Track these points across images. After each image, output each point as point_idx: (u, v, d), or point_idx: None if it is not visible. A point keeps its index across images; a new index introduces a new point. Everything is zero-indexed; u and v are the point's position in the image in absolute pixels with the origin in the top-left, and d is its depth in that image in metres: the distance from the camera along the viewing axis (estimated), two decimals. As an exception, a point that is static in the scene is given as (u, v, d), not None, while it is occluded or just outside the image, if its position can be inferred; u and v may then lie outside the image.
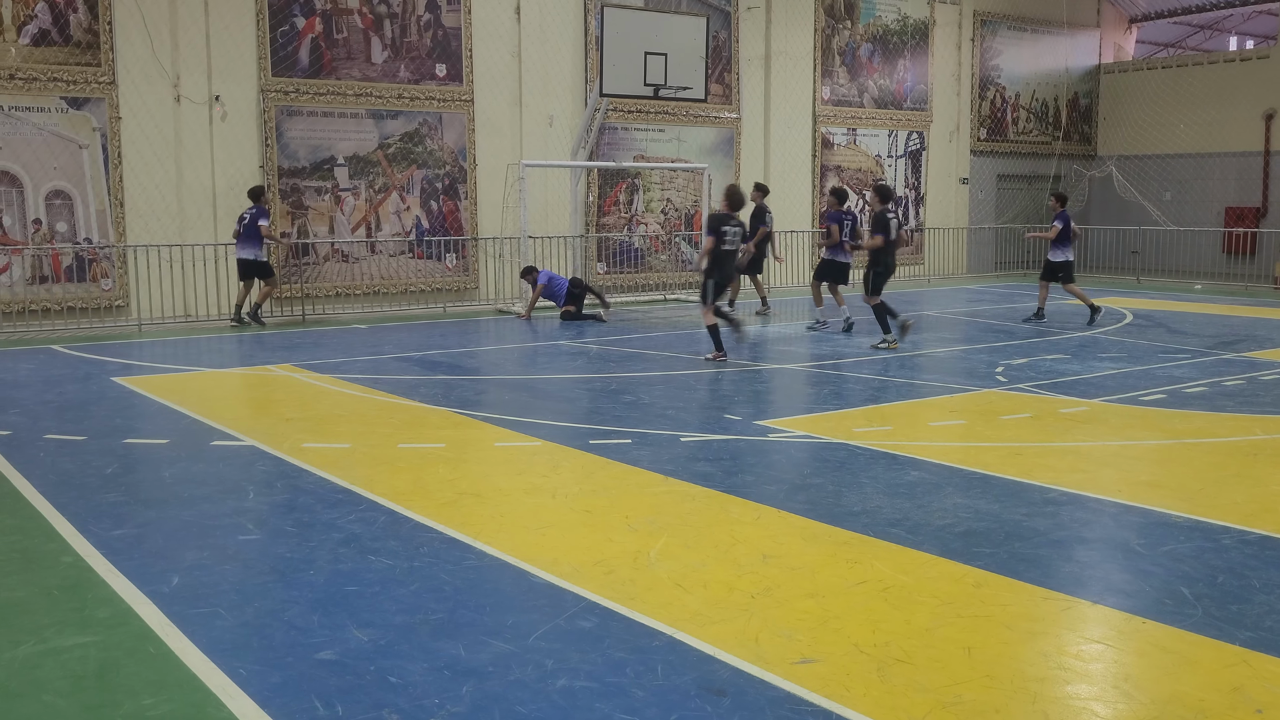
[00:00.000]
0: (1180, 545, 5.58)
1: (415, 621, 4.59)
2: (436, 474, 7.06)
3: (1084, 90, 26.35)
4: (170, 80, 15.43)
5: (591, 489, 6.72)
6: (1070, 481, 6.83)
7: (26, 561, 5.40)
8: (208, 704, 3.87)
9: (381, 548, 5.56)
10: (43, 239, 14.79)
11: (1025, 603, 4.80)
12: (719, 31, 20.00)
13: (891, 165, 23.07)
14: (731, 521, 6.01)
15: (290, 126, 16.26)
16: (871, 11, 22.42)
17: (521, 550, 5.50)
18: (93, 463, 7.36)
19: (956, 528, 5.87)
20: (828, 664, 4.16)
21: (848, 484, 6.76)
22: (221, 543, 5.66)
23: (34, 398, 9.80)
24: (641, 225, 19.68)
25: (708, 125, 20.29)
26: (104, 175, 15.08)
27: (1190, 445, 7.89)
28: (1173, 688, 3.97)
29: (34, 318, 14.58)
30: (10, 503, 6.44)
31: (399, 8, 16.99)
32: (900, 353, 12.38)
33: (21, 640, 4.43)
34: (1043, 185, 25.52)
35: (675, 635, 4.42)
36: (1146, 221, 23.87)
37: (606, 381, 10.68)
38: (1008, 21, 24.65)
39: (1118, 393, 9.84)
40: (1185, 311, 16.77)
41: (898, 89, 23.01)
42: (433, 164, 17.46)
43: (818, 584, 5.02)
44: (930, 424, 8.70)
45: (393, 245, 17.24)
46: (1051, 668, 4.15)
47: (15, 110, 14.46)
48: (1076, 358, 11.93)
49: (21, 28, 14.45)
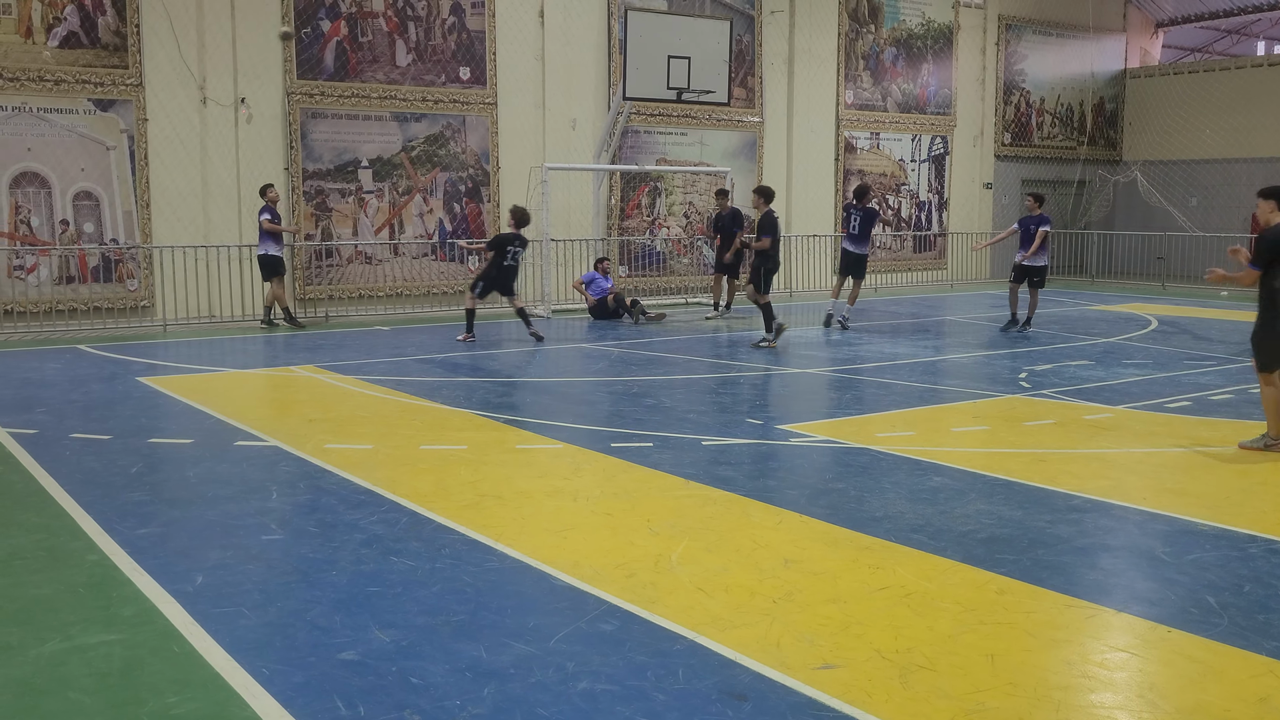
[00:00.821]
0: (1206, 554, 5.54)
1: (437, 623, 4.60)
2: (458, 476, 7.07)
3: (1109, 95, 26.19)
4: (197, 82, 15.54)
5: (613, 492, 6.72)
6: (1094, 488, 6.78)
7: (53, 559, 5.45)
8: (231, 703, 3.89)
9: (403, 549, 5.58)
10: (70, 239, 14.91)
11: (1049, 610, 4.77)
12: (742, 35, 19.98)
13: (915, 169, 23.00)
14: (753, 526, 6.00)
15: (315, 129, 16.35)
16: (895, 15, 22.36)
17: (543, 553, 5.51)
18: (118, 462, 7.41)
19: (979, 534, 5.84)
20: (849, 670, 4.14)
21: (870, 489, 6.74)
22: (245, 542, 5.69)
23: (60, 397, 9.88)
24: (663, 228, 19.68)
25: (730, 129, 20.27)
26: (130, 176, 15.20)
27: (1216, 453, 7.82)
28: (1198, 697, 3.93)
29: (60, 318, 14.70)
30: (37, 501, 6.49)
31: (423, 11, 17.06)
32: (923, 358, 12.33)
33: (48, 638, 4.46)
34: (1067, 190, 25.39)
35: (696, 639, 4.42)
36: (1172, 227, 23.70)
37: (628, 384, 10.69)
38: (1033, 26, 24.53)
39: (1143, 399, 9.77)
40: (1211, 318, 16.64)
41: (921, 93, 22.94)
42: (456, 167, 17.52)
43: (839, 589, 5.01)
44: (953, 429, 8.67)
45: (415, 247, 17.30)
46: (1075, 676, 4.12)
47: (44, 112, 14.60)
48: (1101, 364, 11.86)
49: (51, 30, 14.59)
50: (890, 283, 22.56)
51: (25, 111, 14.48)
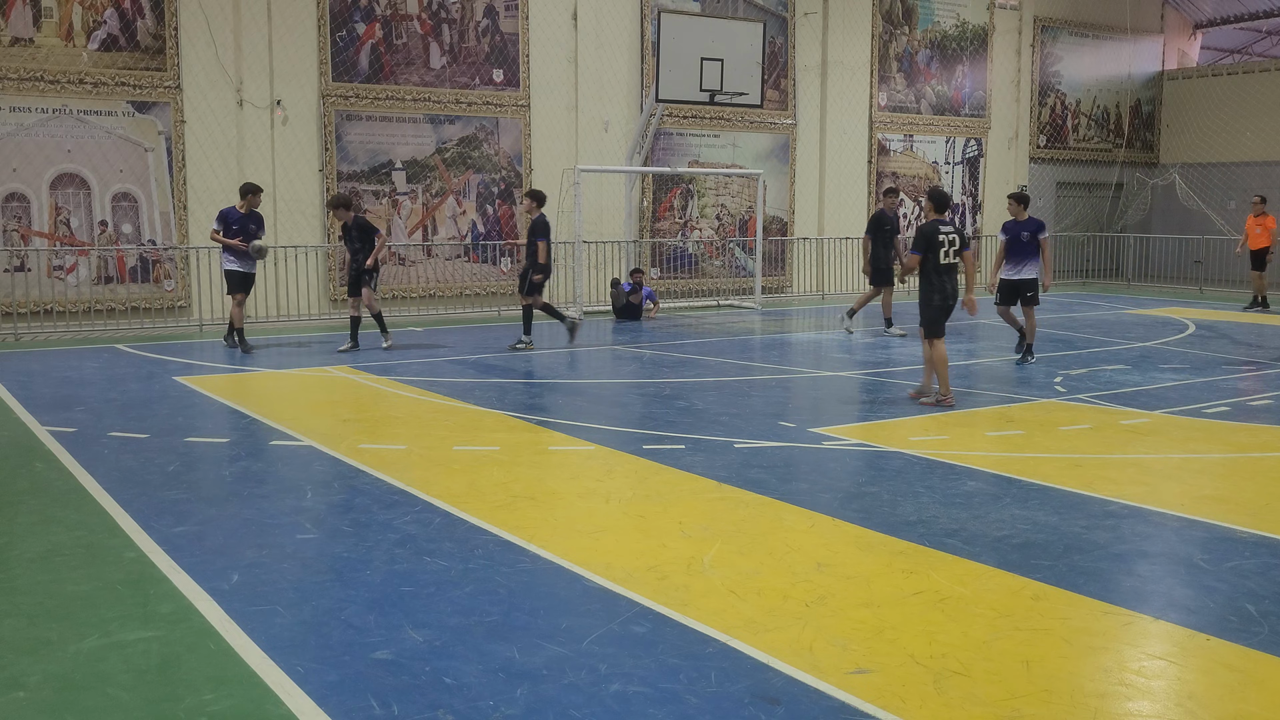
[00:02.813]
0: (1245, 561, 5.47)
1: (470, 623, 4.62)
2: (491, 477, 7.10)
3: (1146, 97, 25.93)
4: (233, 85, 15.68)
5: (645, 494, 6.72)
6: (1131, 494, 6.72)
7: (91, 556, 5.51)
8: (266, 700, 3.92)
9: (437, 549, 5.60)
10: (108, 240, 15.09)
11: (1085, 617, 4.72)
12: (775, 37, 19.94)
13: (949, 172, 22.86)
14: (785, 529, 5.98)
15: (349, 131, 16.46)
16: (930, 17, 22.24)
17: (575, 554, 5.51)
18: (155, 460, 7.49)
19: (1014, 539, 5.79)
20: (883, 675, 4.12)
21: (903, 493, 6.70)
22: (280, 541, 5.74)
23: (98, 396, 10.00)
24: (695, 231, 19.67)
25: (763, 131, 20.23)
26: (168, 178, 15.36)
27: (1256, 459, 7.72)
28: (1237, 707, 3.88)
29: (99, 317, 14.88)
30: (76, 498, 6.57)
31: (457, 14, 17.14)
32: (956, 361, 12.24)
33: (87, 634, 4.51)
34: (1103, 193, 25.17)
35: (729, 642, 4.41)
36: (1210, 231, 23.43)
37: (660, 387, 10.68)
38: (1069, 27, 24.33)
39: (1180, 405, 9.67)
40: (1250, 323, 16.43)
41: (955, 95, 22.80)
42: (489, 168, 17.58)
43: (873, 594, 4.98)
44: (988, 434, 8.61)
45: (448, 249, 17.38)
46: (1112, 683, 4.08)
47: (84, 114, 14.78)
48: (1137, 369, 11.74)
49: (91, 33, 14.77)
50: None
51: (65, 113, 14.68)
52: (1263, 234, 18.69)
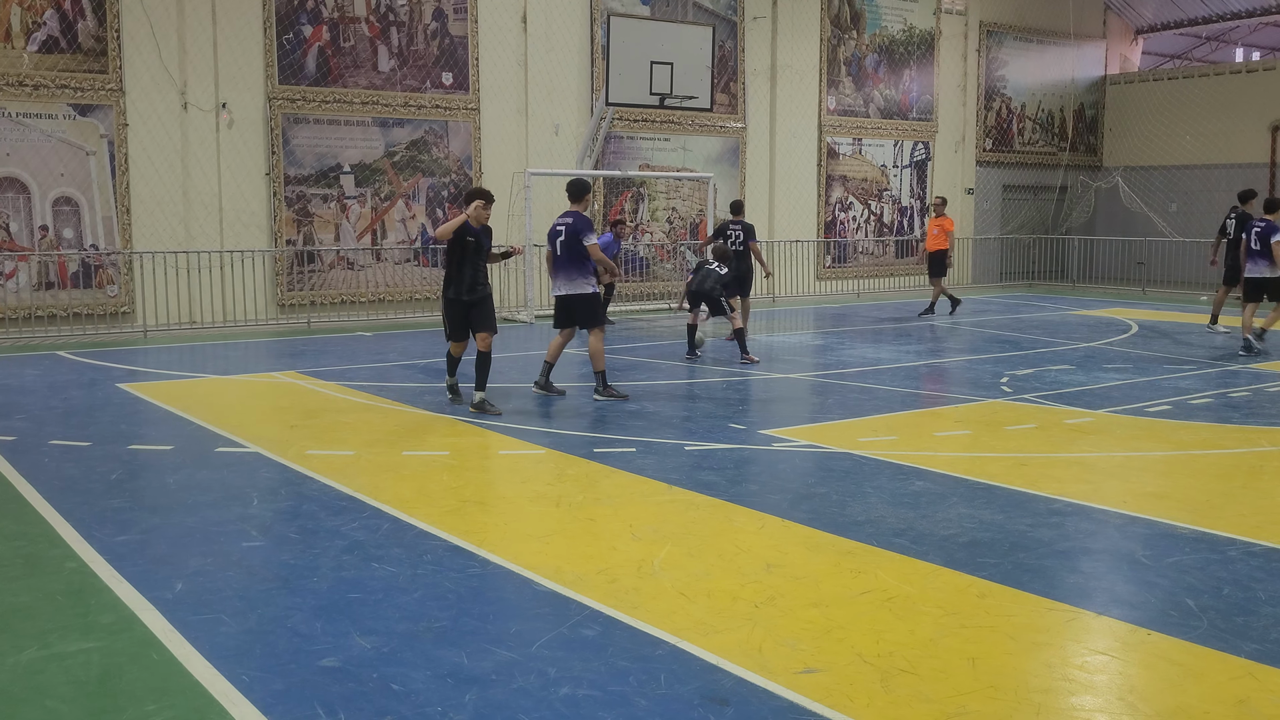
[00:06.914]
0: (1186, 557, 5.57)
1: (418, 629, 4.58)
2: (440, 481, 7.05)
3: (1090, 101, 26.35)
4: (177, 88, 15.47)
5: (595, 497, 6.71)
6: (1075, 492, 6.81)
7: (30, 566, 5.40)
8: (210, 710, 3.86)
9: (385, 555, 5.55)
10: (49, 245, 14.82)
11: (1030, 614, 4.78)
12: (725, 41, 20.03)
13: (897, 175, 23.08)
14: (735, 531, 6.00)
15: (297, 134, 16.30)
16: (877, 22, 22.45)
17: (525, 558, 5.49)
18: (97, 468, 7.36)
19: (961, 538, 5.85)
20: (831, 674, 4.14)
21: (852, 494, 6.75)
22: (225, 549, 5.66)
23: (39, 403, 9.81)
24: (646, 234, 19.69)
25: (713, 135, 20.31)
26: (111, 182, 15.12)
27: (1196, 457, 7.87)
28: (1178, 700, 3.95)
29: (40, 324, 14.61)
30: (15, 508, 6.44)
31: (406, 16, 17.04)
32: (905, 363, 12.36)
33: (25, 645, 4.42)
34: (1048, 196, 25.53)
35: (678, 644, 4.41)
36: (1152, 233, 23.86)
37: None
38: (1014, 32, 24.67)
39: (1123, 404, 9.82)
40: (1191, 323, 16.74)
41: (903, 99, 23.03)
42: (438, 172, 17.49)
43: (821, 594, 5.01)
44: (935, 434, 8.69)
45: (398, 253, 17.26)
46: (1056, 679, 4.13)
47: (23, 117, 14.51)
48: (1082, 368, 11.91)
49: (30, 35, 14.51)
50: (872, 287, 22.66)
51: (4, 116, 14.40)
52: (940, 235, 17.88)
